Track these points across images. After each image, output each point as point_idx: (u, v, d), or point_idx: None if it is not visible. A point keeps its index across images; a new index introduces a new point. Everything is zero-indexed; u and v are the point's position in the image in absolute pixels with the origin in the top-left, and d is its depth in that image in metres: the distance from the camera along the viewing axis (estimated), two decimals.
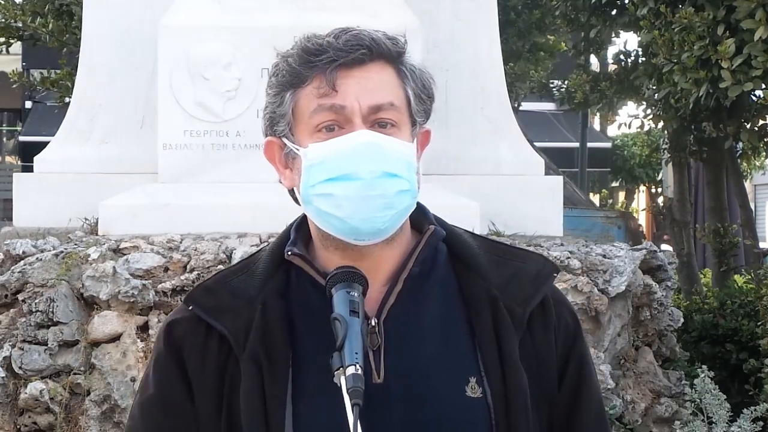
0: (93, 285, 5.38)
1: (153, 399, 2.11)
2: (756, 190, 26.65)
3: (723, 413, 5.86)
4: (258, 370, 2.03)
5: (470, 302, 2.10)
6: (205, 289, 2.13)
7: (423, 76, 2.10)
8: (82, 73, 6.72)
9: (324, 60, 2.03)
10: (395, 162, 2.01)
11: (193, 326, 2.10)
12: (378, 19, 6.13)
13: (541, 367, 2.11)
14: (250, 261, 2.16)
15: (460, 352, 2.07)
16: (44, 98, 18.33)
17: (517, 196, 6.55)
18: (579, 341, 2.18)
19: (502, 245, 2.24)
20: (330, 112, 2.03)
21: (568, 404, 2.15)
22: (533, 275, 2.15)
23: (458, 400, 2.03)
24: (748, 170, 17.27)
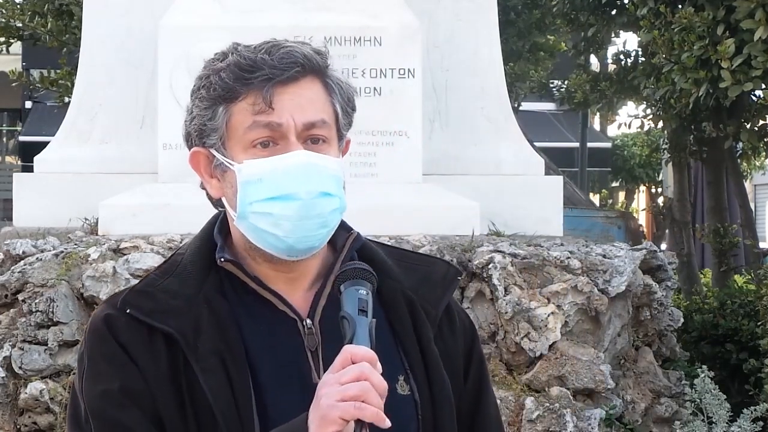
0: (93, 285, 5.38)
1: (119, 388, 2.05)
2: (756, 190, 26.67)
3: (723, 413, 5.86)
4: (221, 364, 2.04)
5: (388, 303, 2.15)
6: (138, 293, 2.11)
7: (348, 88, 2.12)
8: (82, 73, 6.72)
9: (259, 77, 2.04)
10: (329, 181, 2.05)
11: (132, 328, 2.07)
12: (378, 19, 6.13)
13: (450, 365, 2.18)
14: (169, 266, 2.16)
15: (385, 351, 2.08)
16: (44, 98, 18.36)
17: (517, 196, 6.55)
18: (477, 343, 2.28)
19: (407, 252, 2.30)
20: (266, 128, 2.04)
21: (472, 400, 2.23)
22: (440, 278, 2.22)
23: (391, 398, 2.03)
24: (748, 170, 17.28)
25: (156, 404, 2.04)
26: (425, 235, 5.62)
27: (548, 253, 5.79)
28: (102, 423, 2.05)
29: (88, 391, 2.07)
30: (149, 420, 2.03)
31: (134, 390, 2.04)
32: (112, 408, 2.04)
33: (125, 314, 2.08)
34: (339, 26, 6.09)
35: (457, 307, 2.26)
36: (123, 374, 2.05)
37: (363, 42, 6.09)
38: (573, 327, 5.66)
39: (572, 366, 5.55)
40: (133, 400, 2.04)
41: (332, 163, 2.07)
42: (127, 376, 2.05)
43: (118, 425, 2.03)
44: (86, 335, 2.13)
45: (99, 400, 2.05)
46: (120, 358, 2.05)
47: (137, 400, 2.04)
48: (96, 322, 2.10)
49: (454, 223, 5.91)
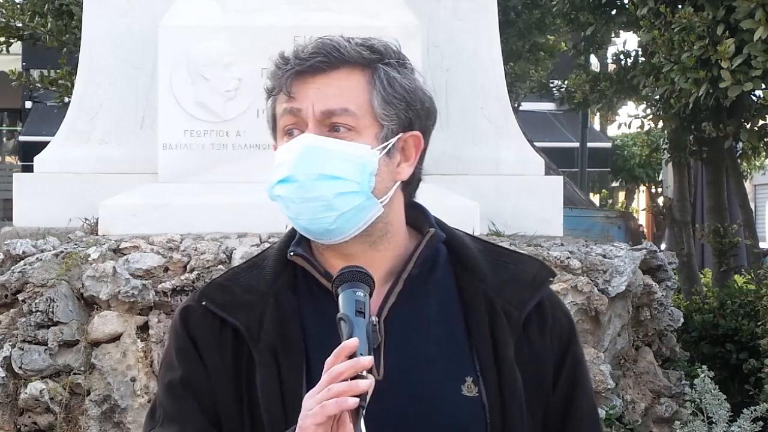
0: (93, 285, 5.38)
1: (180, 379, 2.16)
2: (756, 190, 26.67)
3: (723, 413, 5.86)
4: (274, 360, 2.10)
5: (468, 304, 2.16)
6: (217, 286, 2.20)
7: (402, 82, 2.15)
8: (82, 73, 6.72)
9: (289, 69, 2.14)
10: (337, 164, 2.09)
11: (207, 320, 2.17)
12: (378, 19, 6.13)
13: (537, 368, 2.17)
14: (258, 259, 2.24)
15: (457, 351, 2.12)
16: (44, 98, 18.34)
17: (517, 196, 6.55)
18: (573, 343, 2.24)
19: (500, 248, 2.29)
20: (291, 115, 2.14)
21: (562, 405, 2.21)
22: (530, 279, 2.21)
23: (454, 399, 2.09)
24: (748, 170, 17.29)
25: (214, 396, 2.13)
26: None
27: (548, 253, 5.79)
28: (162, 410, 2.17)
29: (160, 380, 2.21)
30: (204, 411, 2.13)
31: (194, 381, 2.14)
32: (171, 397, 2.16)
33: (202, 306, 2.18)
34: (339, 26, 6.04)
35: (554, 307, 2.23)
36: (187, 366, 2.15)
37: None
38: None
39: None
40: (191, 390, 2.14)
41: (345, 147, 2.10)
42: (190, 368, 2.15)
43: (173, 414, 2.14)
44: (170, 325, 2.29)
45: (163, 389, 2.18)
46: (187, 350, 2.16)
47: (195, 391, 2.14)
48: (176, 313, 2.22)
49: (454, 223, 5.85)
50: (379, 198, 2.13)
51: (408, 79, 2.17)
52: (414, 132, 2.17)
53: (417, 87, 2.18)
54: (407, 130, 2.16)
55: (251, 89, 6.04)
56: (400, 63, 2.17)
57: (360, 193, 2.10)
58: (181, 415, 2.14)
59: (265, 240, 5.60)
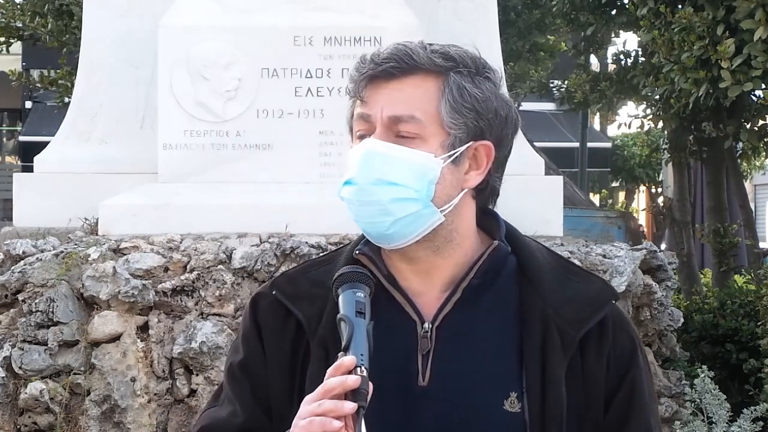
0: (93, 285, 5.38)
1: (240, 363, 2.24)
2: (756, 190, 26.67)
3: (723, 413, 5.86)
4: (325, 354, 2.13)
5: (525, 319, 2.15)
6: (288, 277, 2.26)
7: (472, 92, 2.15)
8: (82, 73, 6.71)
9: (365, 73, 2.16)
10: (397, 170, 2.10)
11: (275, 308, 2.23)
12: (378, 19, 6.13)
13: (588, 390, 2.15)
14: (335, 254, 2.27)
15: (505, 366, 2.13)
16: (44, 98, 18.34)
17: (517, 196, 6.52)
18: (634, 368, 2.20)
19: (571, 265, 2.27)
20: (362, 120, 2.16)
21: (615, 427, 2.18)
22: (592, 299, 2.19)
23: (495, 412, 2.10)
24: (748, 170, 17.29)
25: (268, 382, 2.19)
26: None
27: None
28: (223, 391, 2.27)
29: (226, 361, 2.31)
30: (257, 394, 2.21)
31: (251, 366, 2.22)
32: (230, 379, 2.25)
33: (272, 294, 2.22)
34: (339, 26, 6.09)
35: (617, 329, 2.19)
36: (248, 351, 2.24)
37: (363, 42, 6.09)
38: None
39: None
40: (248, 374, 2.22)
41: (407, 154, 2.11)
42: (250, 353, 2.23)
43: (229, 394, 2.24)
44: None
45: (226, 372, 2.28)
46: (251, 336, 2.24)
47: (251, 375, 2.22)
48: (249, 301, 2.30)
49: None
50: (440, 206, 2.12)
51: (481, 87, 2.16)
52: (485, 141, 2.16)
53: (490, 96, 2.17)
54: (478, 139, 2.15)
55: (251, 89, 6.04)
56: (477, 71, 2.17)
57: (417, 201, 2.10)
58: (236, 397, 2.22)
59: (265, 240, 5.60)
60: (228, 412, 2.22)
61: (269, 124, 6.08)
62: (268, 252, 5.45)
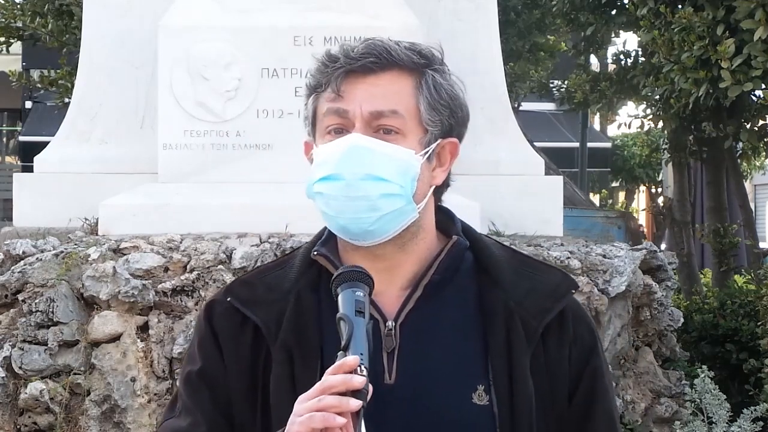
0: (93, 285, 5.38)
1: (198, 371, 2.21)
2: (756, 190, 26.66)
3: (723, 413, 5.86)
4: (289, 357, 2.13)
5: (487, 312, 2.16)
6: (242, 283, 2.25)
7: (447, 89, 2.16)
8: (82, 73, 6.71)
9: (336, 67, 2.13)
10: (381, 166, 2.10)
11: (230, 314, 2.20)
12: (378, 19, 6.13)
13: (552, 380, 2.16)
14: (289, 257, 2.27)
15: (471, 359, 2.13)
16: (44, 98, 18.33)
17: (517, 196, 6.54)
18: (594, 358, 2.23)
19: (526, 258, 2.29)
20: (336, 115, 2.13)
21: (578, 420, 2.20)
22: (552, 290, 2.21)
23: (464, 406, 2.10)
24: (748, 170, 17.28)
25: (229, 390, 2.17)
26: None
27: (548, 253, 5.79)
28: (181, 401, 2.23)
29: (182, 371, 2.28)
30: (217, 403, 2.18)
31: (210, 374, 2.19)
32: (188, 388, 2.22)
33: (227, 301, 2.22)
34: (339, 26, 6.09)
35: (576, 319, 2.22)
36: (205, 359, 2.21)
37: None
38: None
39: None
40: (207, 383, 2.19)
41: (394, 151, 2.11)
42: (208, 361, 2.20)
43: (188, 405, 2.21)
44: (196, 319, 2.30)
45: (183, 381, 2.24)
46: (208, 344, 2.22)
47: (210, 383, 2.19)
48: (202, 307, 2.29)
49: None
50: (417, 203, 2.15)
51: (452, 85, 2.18)
52: (452, 138, 2.19)
53: (459, 93, 2.20)
54: (446, 137, 2.18)
55: (251, 89, 6.04)
56: (445, 70, 2.19)
57: (402, 197, 2.12)
58: (195, 407, 2.19)
59: (265, 240, 5.60)
60: (188, 422, 2.18)
61: (269, 124, 6.08)
62: (268, 252, 5.45)
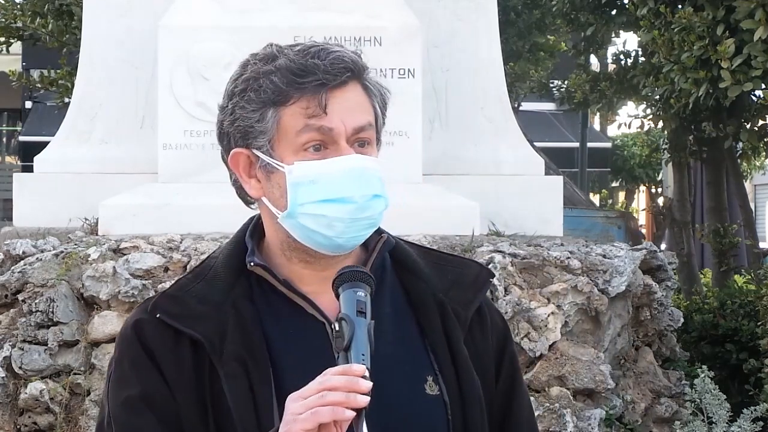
0: (93, 285, 5.38)
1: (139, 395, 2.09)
2: (756, 190, 26.67)
3: (723, 413, 5.86)
4: (243, 370, 2.07)
5: (418, 305, 2.18)
6: (169, 297, 2.14)
7: (384, 91, 2.17)
8: (82, 73, 6.72)
9: (312, 82, 2.07)
10: (378, 183, 2.10)
11: (160, 332, 2.10)
12: (378, 19, 6.13)
13: (481, 366, 2.20)
14: (202, 269, 2.19)
15: (415, 352, 2.15)
16: (44, 98, 18.34)
17: (517, 196, 6.55)
18: (509, 343, 2.29)
19: (438, 253, 2.33)
20: (318, 132, 2.08)
21: (503, 402, 2.24)
22: (472, 281, 2.24)
23: (420, 399, 2.12)
24: (748, 170, 17.29)
25: (178, 410, 2.07)
26: (425, 235, 5.62)
27: (548, 253, 5.79)
28: (120, 428, 2.09)
29: (113, 396, 2.11)
30: (167, 426, 2.07)
31: (155, 396, 2.08)
32: (130, 414, 2.08)
33: (155, 318, 2.11)
34: (339, 26, 6.09)
35: (489, 309, 2.27)
36: (145, 380, 2.09)
37: (363, 42, 6.09)
38: (573, 327, 5.66)
39: (572, 366, 5.56)
40: (152, 406, 2.07)
41: (378, 165, 2.12)
42: (149, 382, 2.08)
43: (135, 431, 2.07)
44: (117, 339, 2.17)
45: (120, 406, 2.09)
46: (144, 364, 2.09)
47: (157, 406, 2.07)
48: (126, 327, 2.15)
49: (454, 223, 5.91)
50: None
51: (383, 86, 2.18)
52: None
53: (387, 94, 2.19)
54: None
55: None
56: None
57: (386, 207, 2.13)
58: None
59: None
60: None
61: None
62: None
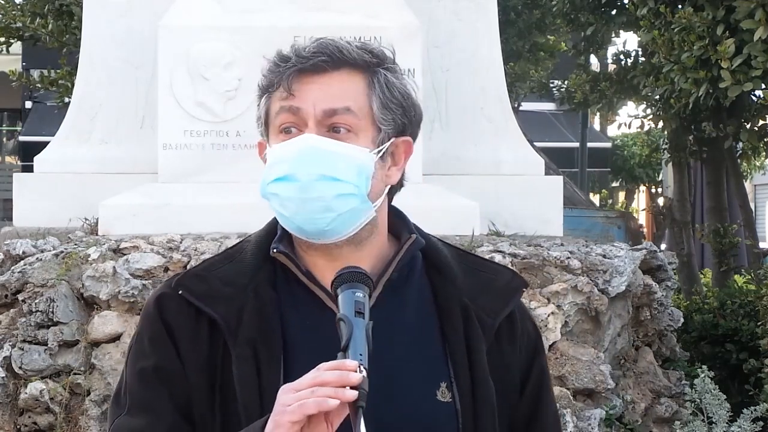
0: (93, 285, 5.38)
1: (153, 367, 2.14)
2: (756, 190, 26.67)
3: (723, 413, 5.86)
4: (253, 354, 2.10)
5: (443, 310, 2.18)
6: (194, 276, 2.19)
7: (399, 88, 2.18)
8: (82, 73, 6.72)
9: (288, 66, 2.14)
10: (336, 166, 2.09)
11: (183, 309, 2.15)
12: (378, 19, 6.13)
13: (506, 376, 2.19)
14: (234, 251, 2.23)
15: (432, 357, 2.15)
16: (44, 98, 18.33)
17: (517, 196, 6.55)
18: (540, 353, 2.28)
19: (474, 257, 2.32)
20: (288, 113, 2.13)
21: (528, 412, 2.24)
22: (503, 288, 2.24)
23: (429, 403, 2.11)
24: (748, 170, 17.29)
25: (188, 386, 2.11)
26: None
27: (548, 253, 5.79)
28: (132, 398, 2.14)
29: (129, 367, 2.18)
30: (176, 401, 2.11)
31: (167, 370, 2.13)
32: (142, 385, 2.14)
33: (177, 295, 2.16)
34: (339, 26, 6.08)
35: (522, 316, 2.26)
36: (161, 354, 2.14)
37: None
38: (573, 327, 5.66)
39: (572, 366, 5.55)
40: (164, 380, 2.12)
41: (348, 150, 2.11)
42: (164, 357, 2.13)
43: (144, 403, 2.12)
44: (141, 313, 2.23)
45: (134, 377, 2.15)
46: (162, 339, 2.14)
47: (168, 380, 2.12)
48: (150, 301, 2.20)
49: (454, 223, 5.91)
50: (373, 201, 2.15)
51: (404, 84, 2.19)
52: (406, 137, 2.20)
53: (412, 93, 2.20)
54: (400, 135, 2.18)
55: (251, 89, 6.00)
56: (397, 69, 2.20)
57: (357, 196, 2.11)
58: (152, 405, 2.12)
59: None
60: (146, 421, 2.11)
61: None
62: None
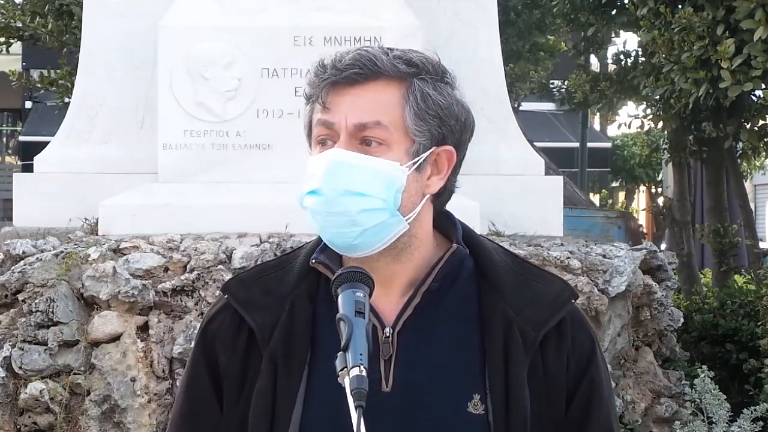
0: (93, 285, 5.38)
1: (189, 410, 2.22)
2: (756, 190, 26.67)
3: (723, 413, 5.86)
4: (274, 369, 2.11)
5: (486, 321, 2.15)
6: (240, 281, 2.22)
7: (435, 98, 2.14)
8: (82, 73, 6.72)
9: (324, 78, 2.13)
10: (364, 181, 2.08)
11: (229, 315, 2.20)
12: (378, 19, 6.13)
13: (550, 388, 2.15)
14: (290, 257, 2.24)
15: (467, 368, 2.12)
16: (44, 98, 18.33)
17: (517, 196, 6.55)
18: (593, 365, 2.21)
19: (528, 265, 2.27)
20: (323, 127, 2.13)
21: (576, 425, 2.18)
22: (551, 299, 2.19)
23: (459, 415, 2.09)
24: (748, 170, 17.29)
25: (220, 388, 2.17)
26: None
27: (548, 253, 5.79)
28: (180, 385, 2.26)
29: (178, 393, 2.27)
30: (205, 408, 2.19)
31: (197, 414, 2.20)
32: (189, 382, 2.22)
33: (224, 299, 2.22)
34: (339, 26, 6.09)
35: (574, 327, 2.20)
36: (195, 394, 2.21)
37: (363, 42, 6.09)
38: None
39: None
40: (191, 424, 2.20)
41: (374, 164, 2.09)
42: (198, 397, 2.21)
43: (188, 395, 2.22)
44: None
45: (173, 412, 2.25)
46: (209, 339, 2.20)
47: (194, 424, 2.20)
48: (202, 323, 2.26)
49: None
50: (405, 214, 2.12)
51: (443, 94, 2.16)
52: (447, 147, 2.16)
53: (452, 102, 2.17)
54: (440, 145, 2.15)
55: (251, 89, 6.04)
56: (439, 77, 2.17)
57: (385, 210, 2.09)
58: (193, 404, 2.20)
59: (265, 240, 5.60)
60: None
61: (269, 124, 6.08)
62: (268, 252, 5.46)
